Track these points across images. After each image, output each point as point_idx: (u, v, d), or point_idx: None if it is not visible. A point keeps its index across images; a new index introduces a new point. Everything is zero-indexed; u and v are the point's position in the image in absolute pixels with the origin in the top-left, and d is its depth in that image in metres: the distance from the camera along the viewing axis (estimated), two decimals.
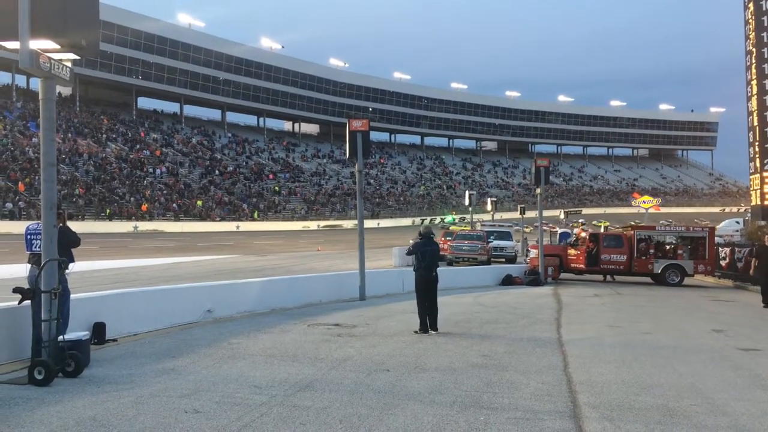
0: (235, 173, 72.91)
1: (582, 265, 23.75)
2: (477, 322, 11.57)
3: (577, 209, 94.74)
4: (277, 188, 73.58)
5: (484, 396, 5.91)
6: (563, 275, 24.01)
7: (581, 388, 6.34)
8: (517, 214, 55.10)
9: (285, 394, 5.78)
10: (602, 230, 38.47)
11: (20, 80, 65.24)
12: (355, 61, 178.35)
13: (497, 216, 60.78)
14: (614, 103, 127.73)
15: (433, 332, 9.84)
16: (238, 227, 57.25)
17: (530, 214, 38.83)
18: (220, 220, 58.29)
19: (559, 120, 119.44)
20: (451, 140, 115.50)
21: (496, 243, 29.80)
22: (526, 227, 49.29)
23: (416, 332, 9.82)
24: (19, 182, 46.78)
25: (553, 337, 9.85)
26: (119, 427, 4.72)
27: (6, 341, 6.93)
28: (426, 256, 10.08)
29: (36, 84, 6.06)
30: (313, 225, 66.12)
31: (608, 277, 24.60)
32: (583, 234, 25.68)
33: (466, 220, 66.29)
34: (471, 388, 6.19)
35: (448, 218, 78.36)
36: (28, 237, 7.16)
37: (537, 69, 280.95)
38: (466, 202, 50.32)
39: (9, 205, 45.42)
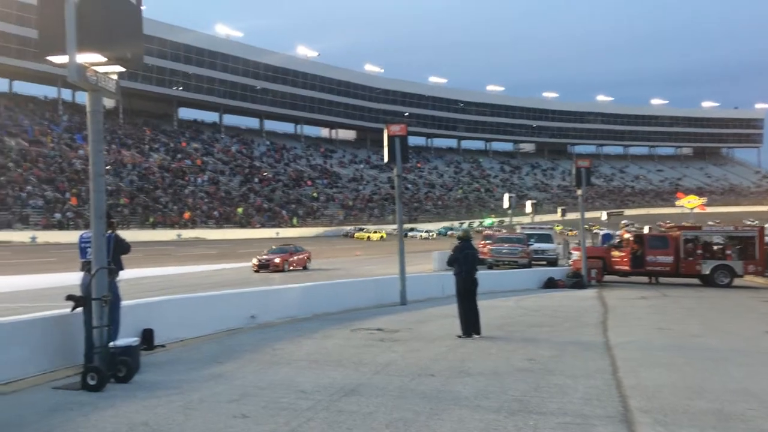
0: (273, 180, 73.68)
1: (627, 267, 23.29)
2: (520, 325, 11.43)
3: (619, 210, 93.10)
4: (315, 194, 74.12)
5: (532, 401, 5.82)
6: (607, 277, 23.57)
7: (632, 392, 6.20)
8: (557, 216, 54.54)
9: (330, 399, 5.79)
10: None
11: (66, 94, 67.15)
12: (391, 66, 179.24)
13: (537, 218, 60.10)
14: (655, 101, 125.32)
15: (476, 336, 9.75)
16: (277, 233, 57.78)
17: (571, 216, 38.30)
18: (260, 227, 58.96)
19: (598, 120, 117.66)
20: (488, 143, 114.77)
21: (536, 246, 29.41)
22: (570, 231, 48.73)
23: (459, 336, 9.75)
24: (72, 196, 48.01)
25: (600, 341, 9.67)
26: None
27: (60, 348, 7.10)
28: (467, 260, 10.01)
29: (81, 97, 6.29)
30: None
31: (653, 279, 24.06)
32: (627, 235, 25.17)
33: (505, 223, 65.76)
34: (518, 393, 6.11)
35: (487, 221, 77.82)
36: (82, 245, 7.30)
37: (574, 69, 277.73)
38: (505, 205, 49.95)
39: (58, 215, 46.74)
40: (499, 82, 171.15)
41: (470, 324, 9.86)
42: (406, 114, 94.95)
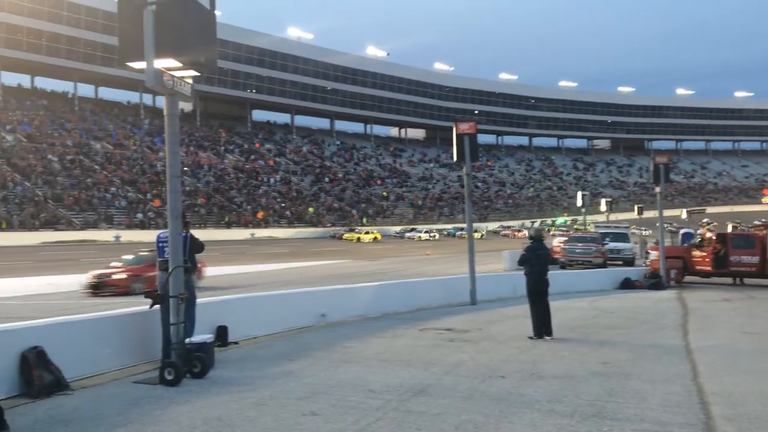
0: (344, 180, 74.51)
1: (708, 268, 22.26)
2: (594, 327, 11.10)
3: (700, 208, 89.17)
4: (385, 194, 74.47)
5: (607, 406, 5.63)
6: (687, 278, 22.62)
7: (714, 399, 5.90)
8: (633, 215, 52.75)
9: (399, 399, 5.77)
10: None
11: (147, 99, 70.00)
12: (461, 64, 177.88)
13: (612, 217, 58.31)
14: (739, 94, 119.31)
15: (548, 338, 9.54)
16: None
17: (649, 214, 36.96)
18: (330, 226, 59.69)
19: (677, 114, 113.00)
20: (560, 140, 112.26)
21: (612, 245, 28.52)
22: (645, 231, 47.02)
23: (530, 338, 9.56)
24: (154, 198, 49.97)
25: (680, 344, 9.28)
26: (242, 427, 4.89)
27: (140, 343, 7.39)
28: (540, 261, 9.81)
29: (161, 102, 6.49)
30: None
31: (737, 281, 22.92)
32: (709, 234, 24.08)
33: (578, 222, 64.19)
34: (592, 397, 5.93)
35: (560, 220, 76.19)
36: (159, 245, 7.55)
37: (651, 62, 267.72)
38: (578, 203, 48.72)
39: (140, 216, 48.77)
40: (571, 78, 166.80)
41: (542, 325, 9.66)
42: (476, 112, 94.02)
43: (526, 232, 58.72)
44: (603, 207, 52.01)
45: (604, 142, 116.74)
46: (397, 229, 63.00)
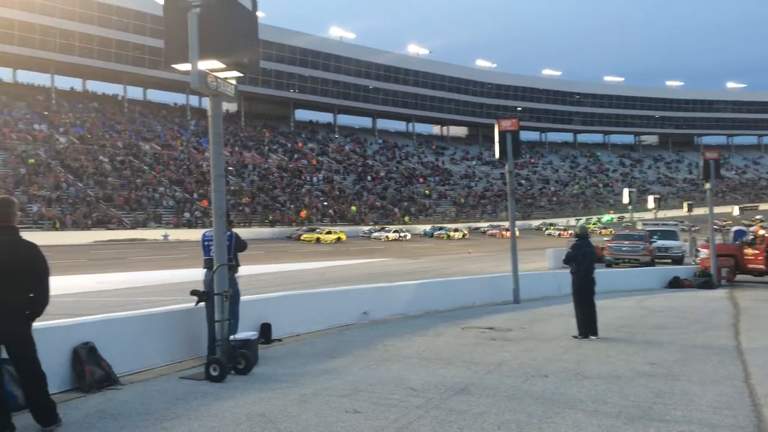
0: (386, 178, 74.63)
1: (761, 266, 21.56)
2: (642, 327, 10.88)
3: (753, 205, 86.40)
4: (427, 192, 74.32)
5: (654, 407, 5.51)
6: (739, 277, 21.96)
7: (767, 401, 5.72)
8: (683, 212, 51.46)
9: (441, 398, 5.76)
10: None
11: (193, 100, 71.41)
12: (503, 61, 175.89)
13: (660, 214, 56.96)
14: None
15: (593, 337, 9.38)
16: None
17: (699, 211, 35.98)
18: (373, 225, 59.87)
19: (728, 108, 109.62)
20: (606, 136, 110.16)
21: (660, 243, 27.90)
22: (694, 227, 45.85)
23: (575, 337, 9.42)
24: (203, 198, 50.91)
25: (731, 345, 9.02)
26: (285, 423, 4.94)
27: (186, 340, 7.55)
28: (586, 259, 9.66)
29: (207, 103, 6.62)
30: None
31: None
32: (762, 231, 23.31)
33: (625, 220, 62.94)
34: (638, 398, 5.81)
35: (606, 218, 74.80)
36: (205, 243, 7.70)
37: (700, 56, 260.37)
38: (625, 201, 47.71)
39: (187, 215, 49.79)
40: (617, 73, 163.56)
41: (587, 324, 9.51)
42: (519, 108, 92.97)
43: (572, 231, 57.73)
44: (651, 204, 50.80)
45: (652, 137, 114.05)
46: (365, 228, 57.60)
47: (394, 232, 54.95)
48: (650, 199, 51.76)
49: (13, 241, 4.70)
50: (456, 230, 59.33)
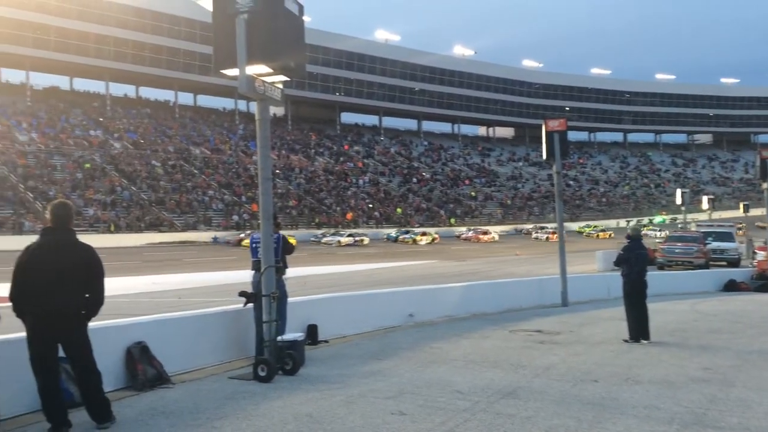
0: (431, 180, 74.48)
1: None
2: (695, 331, 10.57)
3: None
4: (473, 193, 73.86)
5: (708, 413, 5.34)
6: None
7: None
8: (739, 213, 49.79)
9: (488, 401, 5.71)
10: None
11: (242, 105, 72.72)
12: (550, 60, 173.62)
13: (715, 215, 55.28)
14: None
15: (644, 341, 9.16)
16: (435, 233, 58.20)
17: (756, 211, 34.77)
18: (418, 227, 59.80)
19: None
20: (657, 135, 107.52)
21: (715, 245, 27.08)
22: (739, 226, 44.27)
23: (626, 341, 9.22)
24: (253, 203, 51.78)
25: None
26: (332, 424, 4.98)
27: (235, 340, 7.67)
28: (638, 261, 9.45)
29: (254, 107, 6.75)
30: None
31: None
32: None
33: (678, 221, 61.32)
34: (692, 404, 5.64)
35: (657, 219, 73.03)
36: (253, 245, 7.82)
37: (756, 52, 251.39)
38: (678, 201, 46.49)
39: (235, 217, 50.66)
40: (669, 70, 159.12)
41: (639, 328, 9.29)
42: (567, 108, 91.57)
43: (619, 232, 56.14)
44: (705, 205, 49.38)
45: (706, 136, 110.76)
46: (318, 232, 51.55)
47: (349, 236, 49.23)
48: (704, 199, 50.30)
49: (70, 244, 4.86)
50: (424, 234, 53.51)
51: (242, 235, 43.26)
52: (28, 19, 56.28)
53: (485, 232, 57.28)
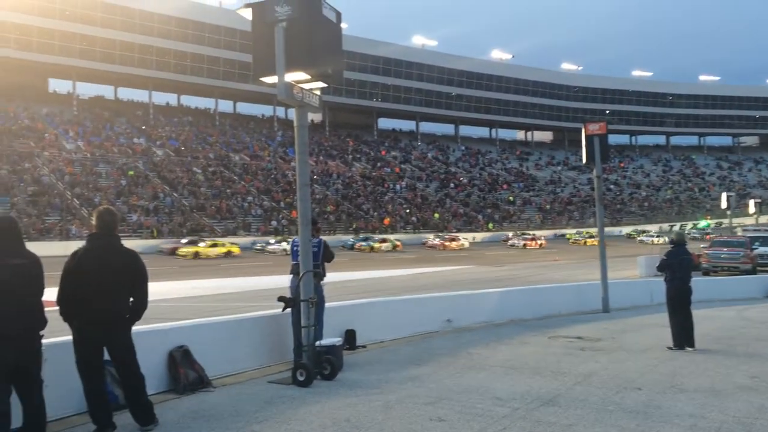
0: (469, 185, 74.11)
1: None
2: (742, 338, 10.28)
3: None
4: (511, 198, 73.23)
5: (757, 423, 5.19)
6: None
7: None
8: None
9: (527, 408, 5.64)
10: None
11: (280, 112, 73.54)
12: (590, 63, 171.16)
13: (762, 219, 53.75)
14: None
15: (689, 349, 8.95)
16: (474, 238, 57.91)
17: None
18: (456, 232, 59.53)
19: None
20: (701, 138, 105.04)
21: (762, 250, 26.32)
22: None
23: (670, 348, 9.02)
24: (292, 209, 52.29)
25: None
26: (370, 430, 4.98)
27: (274, 345, 7.74)
28: (682, 266, 9.25)
29: (293, 114, 6.86)
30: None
31: None
32: None
33: (723, 225, 59.79)
34: (739, 414, 5.48)
35: (702, 223, 71.32)
36: (294, 249, 7.87)
37: None
38: (723, 205, 45.36)
39: (274, 223, 51.20)
40: (714, 72, 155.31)
41: (683, 335, 9.08)
42: (607, 111, 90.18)
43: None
44: (751, 209, 48.10)
45: (752, 138, 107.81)
46: (251, 240, 47.01)
47: (288, 241, 40.01)
48: (751, 203, 49.06)
49: (116, 249, 4.98)
50: (383, 241, 49.00)
51: (183, 241, 40.84)
52: (75, 31, 57.96)
53: (453, 239, 52.22)
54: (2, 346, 4.23)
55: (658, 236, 58.77)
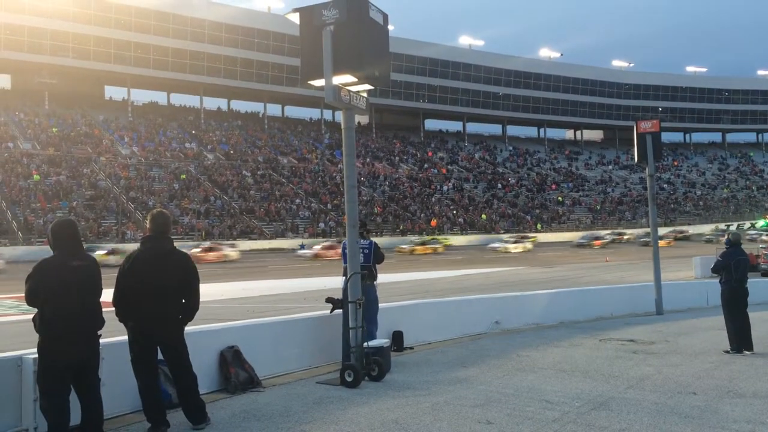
0: (517, 185, 73.29)
1: None
2: None
3: None
4: (560, 198, 72.10)
5: None
6: None
7: None
8: None
9: (578, 412, 5.55)
10: None
11: (327, 114, 74.23)
12: (642, 60, 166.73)
13: None
14: None
15: (747, 352, 8.65)
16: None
17: None
18: (504, 233, 58.94)
19: None
20: (760, 134, 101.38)
21: None
22: None
23: (727, 352, 8.74)
24: (343, 215, 52.71)
25: None
26: (418, 431, 4.98)
27: (323, 346, 7.81)
28: (739, 267, 8.95)
29: (340, 116, 6.98)
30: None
31: None
32: None
33: None
34: None
35: (761, 223, 68.86)
36: (345, 251, 7.94)
37: None
38: None
39: (321, 225, 51.65)
40: None
41: (741, 338, 8.79)
42: (660, 109, 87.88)
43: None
44: None
45: None
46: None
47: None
48: None
49: (169, 251, 5.12)
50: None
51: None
52: (129, 39, 59.70)
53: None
54: (67, 344, 4.43)
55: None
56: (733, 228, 60.84)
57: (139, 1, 59.48)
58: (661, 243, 53.17)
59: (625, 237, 56.86)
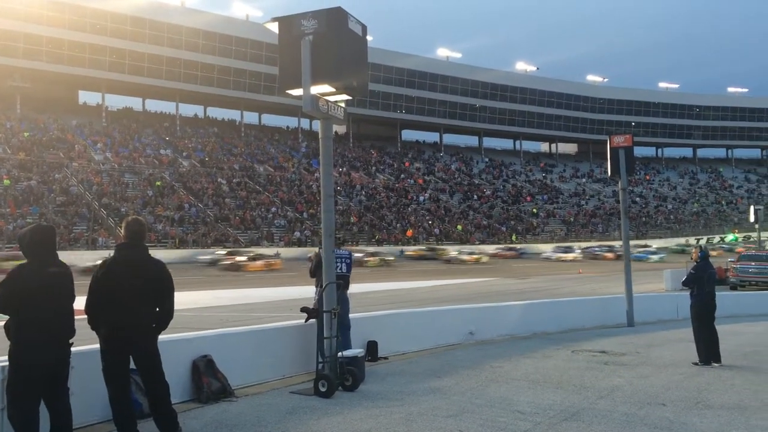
0: (492, 197, 73.82)
1: None
2: None
3: None
4: (534, 210, 72.77)
5: None
6: None
7: None
8: None
9: (550, 422, 5.60)
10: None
11: (304, 123, 74.10)
12: (615, 75, 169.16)
13: None
14: None
15: (715, 364, 8.81)
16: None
17: None
18: (479, 244, 59.24)
19: None
20: (729, 150, 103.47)
21: None
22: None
23: (696, 364, 8.89)
24: (320, 224, 52.60)
25: None
26: None
27: (296, 355, 7.78)
28: (710, 280, 9.15)
29: (317, 125, 6.98)
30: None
31: None
32: None
33: (751, 239, 58.78)
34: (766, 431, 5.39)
35: (729, 237, 70.21)
36: (320, 260, 7.92)
37: None
38: (751, 219, 44.60)
39: (297, 234, 51.43)
40: (741, 83, 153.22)
41: (710, 350, 8.95)
42: (633, 123, 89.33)
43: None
44: None
45: None
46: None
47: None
48: None
49: (143, 259, 5.07)
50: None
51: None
52: (104, 44, 59.07)
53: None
54: (43, 351, 4.38)
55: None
56: (703, 242, 61.88)
57: (116, 6, 58.94)
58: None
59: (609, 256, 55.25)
